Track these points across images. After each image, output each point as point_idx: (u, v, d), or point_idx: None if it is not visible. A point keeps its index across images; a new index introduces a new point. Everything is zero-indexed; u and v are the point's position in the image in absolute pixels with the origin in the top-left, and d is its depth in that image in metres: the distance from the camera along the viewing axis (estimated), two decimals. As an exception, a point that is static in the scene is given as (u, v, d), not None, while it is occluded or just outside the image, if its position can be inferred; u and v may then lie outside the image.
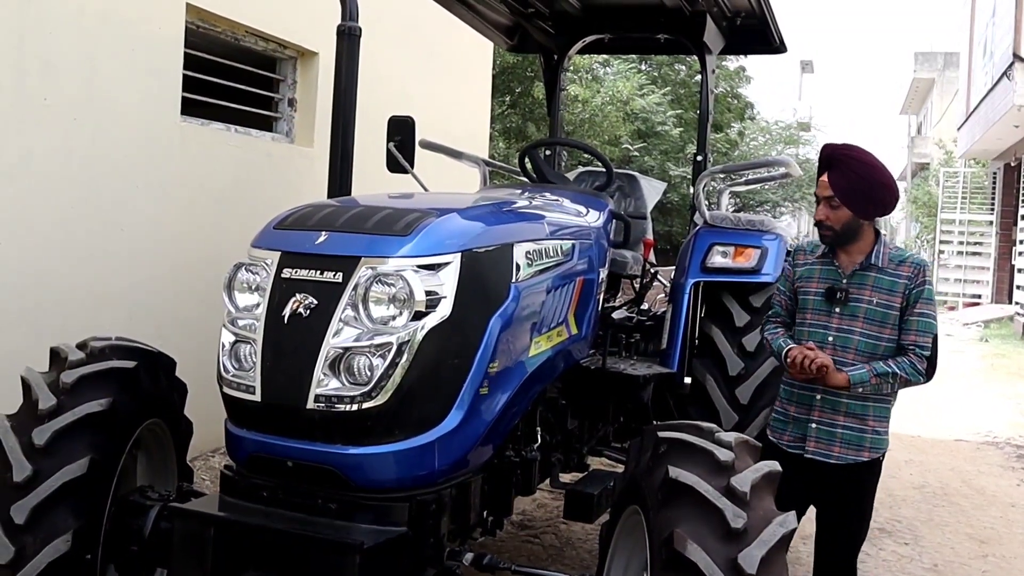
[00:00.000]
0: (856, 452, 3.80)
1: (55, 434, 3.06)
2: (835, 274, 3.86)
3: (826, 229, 3.82)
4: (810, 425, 3.83)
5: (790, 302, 4.03)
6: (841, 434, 3.80)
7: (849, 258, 3.86)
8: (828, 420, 3.82)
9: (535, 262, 3.55)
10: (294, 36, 7.12)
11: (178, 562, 3.03)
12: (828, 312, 3.85)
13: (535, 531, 5.68)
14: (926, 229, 33.84)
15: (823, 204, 3.80)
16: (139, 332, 4.28)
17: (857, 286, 3.81)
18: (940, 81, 44.51)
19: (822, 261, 3.92)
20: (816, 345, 3.78)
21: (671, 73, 25.59)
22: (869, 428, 3.80)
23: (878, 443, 3.84)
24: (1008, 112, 20.70)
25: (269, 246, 3.16)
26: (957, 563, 5.71)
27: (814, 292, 3.89)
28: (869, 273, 3.81)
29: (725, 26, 5.62)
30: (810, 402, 3.85)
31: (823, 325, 3.85)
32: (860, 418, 3.80)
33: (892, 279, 3.78)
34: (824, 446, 3.81)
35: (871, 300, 3.79)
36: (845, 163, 3.79)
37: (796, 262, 4.03)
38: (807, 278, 3.94)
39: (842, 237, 3.82)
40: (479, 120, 10.90)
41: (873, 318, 3.78)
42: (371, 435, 2.94)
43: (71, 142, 5.30)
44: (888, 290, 3.78)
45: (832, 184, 3.76)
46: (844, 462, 3.80)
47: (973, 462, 8.57)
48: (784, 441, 3.91)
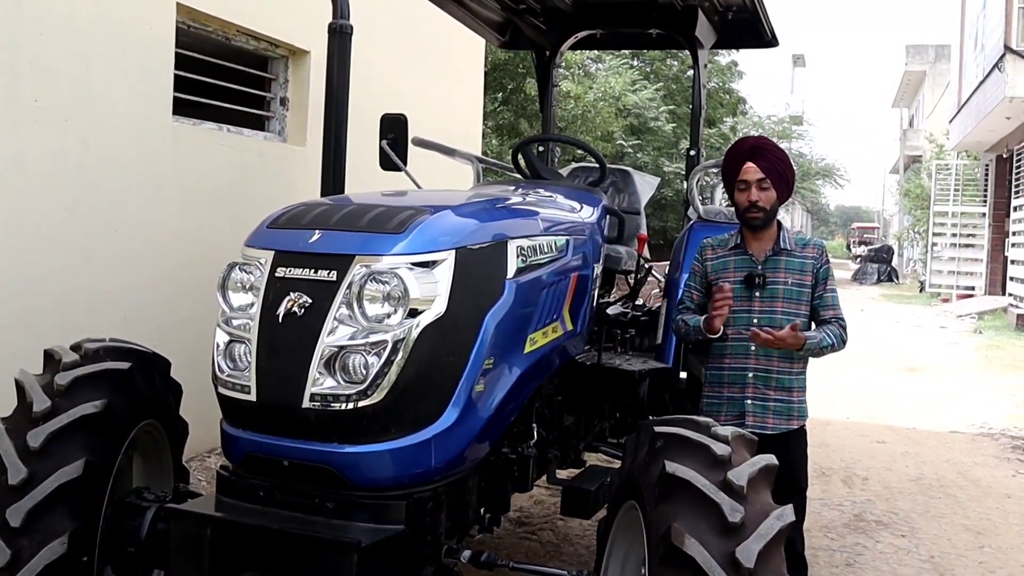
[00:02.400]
0: (787, 421, 4.21)
1: (50, 436, 3.05)
2: (750, 262, 4.24)
3: (758, 210, 4.16)
4: (746, 402, 4.20)
5: (701, 296, 4.34)
6: (773, 406, 4.20)
7: (760, 245, 4.25)
8: (761, 395, 4.20)
9: (529, 258, 3.54)
10: (285, 35, 7.11)
11: (175, 563, 3.03)
12: (748, 297, 4.20)
13: (533, 528, 5.67)
14: (919, 222, 33.91)
15: (754, 188, 4.15)
16: (133, 333, 4.27)
17: (772, 270, 4.21)
18: (931, 74, 44.59)
19: (735, 252, 4.28)
20: (743, 329, 4.17)
21: (663, 68, 25.62)
22: (795, 398, 4.23)
23: (803, 411, 4.27)
24: (1000, 104, 20.74)
25: (263, 245, 3.15)
26: (954, 555, 5.72)
27: (732, 281, 4.20)
28: (780, 257, 4.23)
29: (717, 20, 5.62)
30: (743, 381, 4.22)
31: (746, 310, 4.20)
32: (787, 390, 4.21)
33: (801, 260, 4.23)
34: (760, 419, 4.18)
35: (786, 281, 4.20)
36: (768, 150, 4.22)
37: (706, 257, 4.34)
38: (722, 270, 4.27)
39: (767, 219, 4.19)
40: (472, 117, 10.89)
41: (790, 297, 4.20)
42: (367, 433, 2.93)
43: (63, 143, 5.28)
44: (799, 271, 4.22)
45: (763, 168, 4.15)
46: (778, 431, 4.18)
47: (969, 454, 8.58)
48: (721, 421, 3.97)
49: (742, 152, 4.25)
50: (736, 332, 4.22)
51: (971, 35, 28.19)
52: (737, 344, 4.22)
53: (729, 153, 4.33)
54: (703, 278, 4.35)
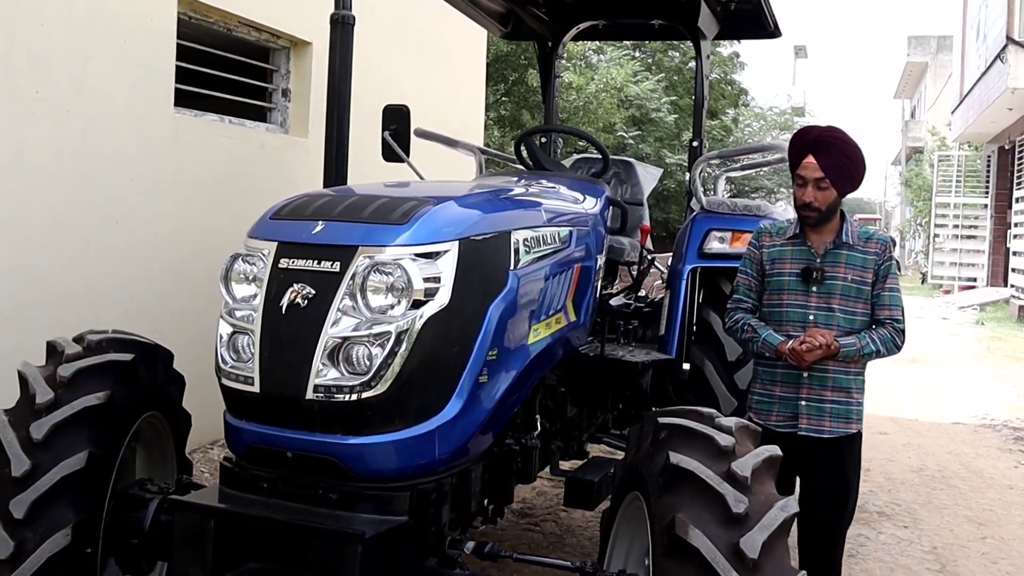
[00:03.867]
0: (845, 424, 3.94)
1: (53, 428, 3.05)
2: (808, 254, 3.97)
3: (812, 210, 3.88)
4: (800, 403, 3.94)
5: (757, 284, 4.10)
6: (830, 408, 3.92)
7: (820, 238, 3.97)
8: (816, 396, 3.93)
9: (533, 249, 3.54)
10: (287, 26, 7.10)
11: (179, 555, 3.02)
12: (805, 292, 3.95)
13: (536, 519, 5.68)
14: (921, 213, 33.89)
15: (810, 186, 3.85)
16: (136, 325, 4.28)
17: (831, 264, 3.93)
18: (933, 65, 44.54)
19: (793, 242, 4.01)
20: (795, 326, 3.93)
21: (665, 60, 25.57)
22: (854, 400, 3.95)
23: (860, 414, 4.00)
24: (1002, 95, 20.72)
25: (266, 236, 3.14)
26: (956, 545, 5.72)
27: (789, 273, 3.98)
28: (841, 251, 3.94)
29: (719, 11, 5.60)
30: (797, 380, 3.95)
31: (802, 305, 3.95)
32: (846, 391, 3.93)
33: (863, 256, 3.94)
34: (815, 422, 3.92)
35: (846, 277, 3.92)
36: (833, 145, 3.86)
37: (763, 244, 4.09)
38: (778, 260, 4.02)
39: (824, 218, 3.91)
40: (474, 108, 10.88)
41: (848, 294, 3.92)
42: (371, 425, 2.93)
43: (64, 135, 5.28)
44: (860, 267, 3.93)
45: (823, 166, 3.82)
46: (836, 435, 3.92)
47: (971, 445, 8.58)
48: (772, 422, 3.97)
49: (803, 144, 3.92)
50: (791, 328, 3.94)
51: (973, 26, 28.17)
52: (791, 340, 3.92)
53: (792, 141, 4.03)
54: (759, 265, 4.08)
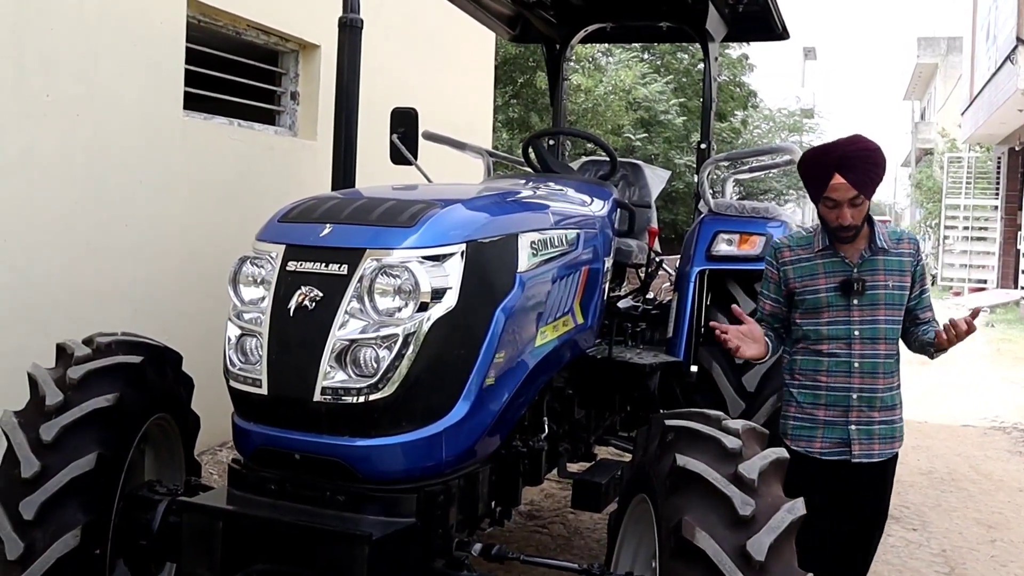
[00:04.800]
0: (891, 445, 3.75)
1: (62, 430, 3.07)
2: (843, 265, 3.71)
3: (851, 230, 3.63)
4: (850, 427, 3.70)
5: (780, 308, 3.87)
6: (878, 430, 3.71)
7: (853, 246, 3.72)
8: (866, 418, 3.70)
9: (540, 252, 3.54)
10: (295, 29, 7.12)
11: (187, 556, 3.04)
12: (846, 306, 3.68)
13: (543, 521, 5.68)
14: (930, 215, 33.81)
15: (845, 207, 3.58)
16: (145, 327, 4.29)
17: (870, 273, 3.69)
18: (943, 66, 44.39)
19: (823, 255, 3.75)
20: (843, 342, 3.68)
21: (674, 62, 25.54)
22: (898, 418, 3.77)
23: (903, 430, 3.81)
24: (1012, 96, 20.65)
25: (274, 239, 3.15)
26: (965, 548, 5.71)
27: (825, 289, 3.71)
28: (878, 258, 3.71)
29: (727, 13, 5.60)
30: (846, 403, 3.70)
31: (844, 321, 3.69)
32: (891, 410, 3.74)
33: (899, 259, 3.73)
34: (866, 447, 3.70)
35: (887, 284, 3.69)
36: (858, 158, 3.59)
37: (783, 260, 3.82)
38: (809, 276, 3.75)
39: (860, 231, 3.68)
40: (482, 111, 10.89)
41: (892, 302, 3.70)
42: (378, 427, 2.94)
43: (73, 138, 5.30)
44: (899, 271, 3.72)
45: (854, 183, 3.55)
46: (884, 457, 3.74)
47: (980, 447, 8.56)
48: (817, 448, 3.74)
49: (827, 164, 3.61)
50: (834, 346, 3.70)
51: (983, 27, 28.09)
52: (837, 360, 3.69)
53: (811, 161, 3.72)
54: (780, 285, 3.82)
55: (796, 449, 3.70)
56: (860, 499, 3.80)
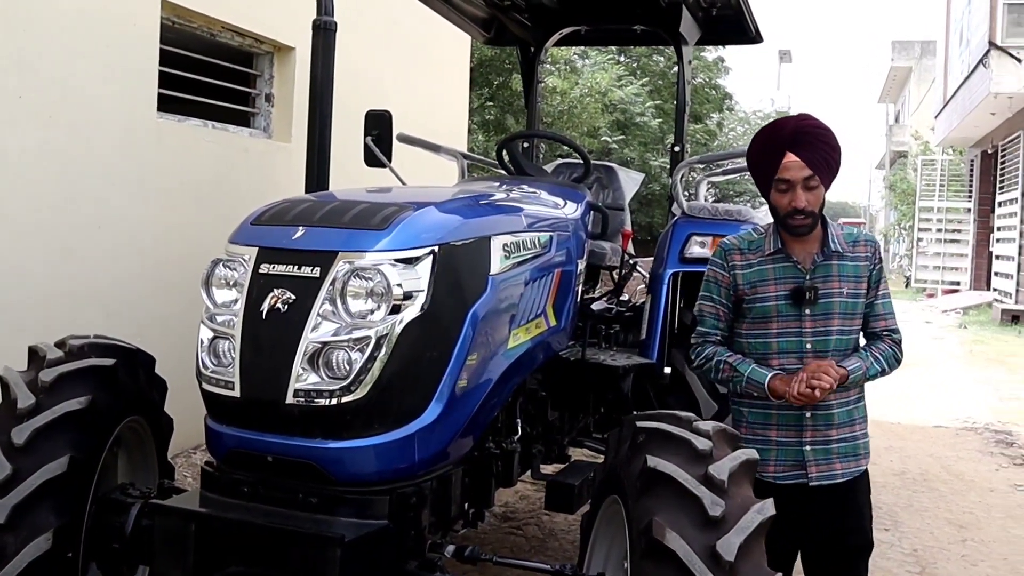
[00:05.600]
0: (855, 463, 3.49)
1: (34, 433, 3.05)
2: (795, 271, 3.41)
3: (807, 216, 3.31)
4: (804, 448, 3.43)
5: (728, 312, 3.53)
6: (837, 448, 3.44)
7: (805, 249, 3.41)
8: (822, 437, 3.43)
9: (513, 254, 3.55)
10: (270, 31, 7.11)
11: (160, 559, 3.03)
12: (798, 316, 3.39)
13: (518, 522, 5.70)
14: (905, 217, 34.05)
15: (799, 189, 3.28)
16: (118, 330, 4.27)
17: (823, 279, 3.39)
18: (917, 69, 44.71)
19: (774, 259, 3.43)
20: (790, 357, 3.40)
21: (650, 64, 25.64)
22: (859, 432, 3.51)
23: (867, 447, 3.55)
24: (984, 100, 20.86)
25: (246, 242, 3.15)
26: (937, 548, 5.76)
27: (775, 296, 3.41)
28: (831, 262, 3.41)
29: (701, 17, 5.64)
30: (799, 422, 3.43)
31: (796, 332, 3.41)
32: (850, 425, 3.47)
33: (855, 263, 3.42)
34: (825, 467, 3.44)
35: (842, 292, 3.39)
36: (814, 135, 3.31)
37: (733, 263, 3.50)
38: (760, 282, 3.44)
39: (816, 222, 3.37)
40: (457, 113, 10.89)
41: (847, 311, 3.41)
42: (351, 429, 2.94)
43: (47, 140, 5.27)
44: (855, 276, 3.41)
45: (808, 162, 3.27)
46: (849, 477, 3.47)
47: (952, 448, 8.64)
48: (771, 473, 3.45)
49: (781, 140, 3.30)
50: (785, 361, 3.41)
51: (956, 31, 28.33)
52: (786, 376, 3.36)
53: (761, 140, 3.42)
54: (730, 290, 3.49)
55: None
56: (827, 525, 3.51)
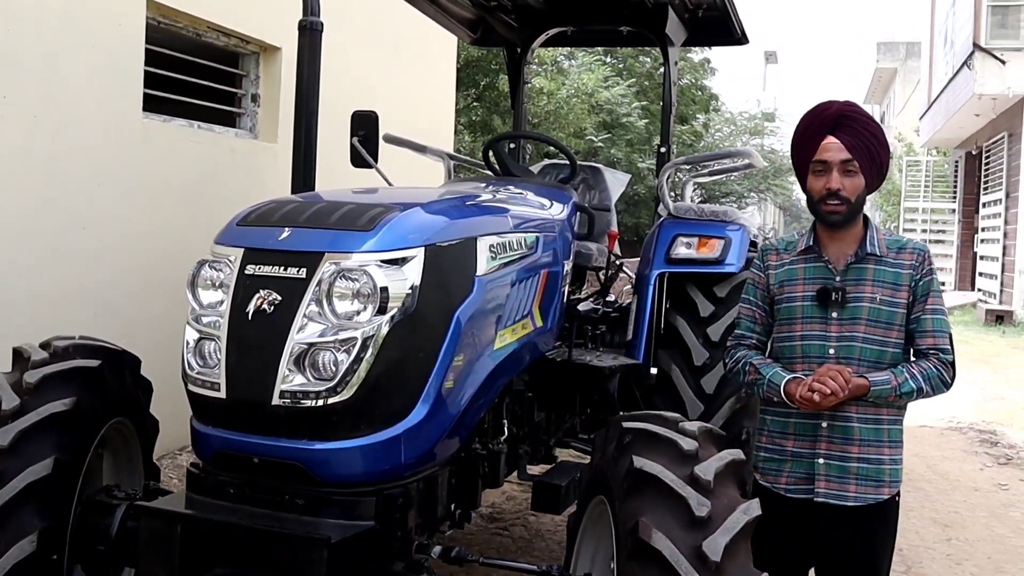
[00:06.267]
0: (876, 489, 3.19)
1: (19, 434, 3.03)
2: (825, 271, 3.25)
3: (840, 202, 3.16)
4: (817, 461, 3.21)
5: (765, 315, 3.42)
6: (856, 468, 3.18)
7: (840, 249, 3.25)
8: (839, 452, 3.19)
9: (499, 255, 3.56)
10: (256, 31, 7.09)
11: (145, 561, 3.02)
12: (824, 319, 3.22)
13: (504, 523, 5.70)
14: (890, 217, 34.19)
15: (836, 171, 3.15)
16: (103, 331, 4.26)
17: (854, 282, 3.20)
18: (902, 71, 44.84)
19: (805, 258, 3.30)
20: (813, 362, 3.22)
21: (636, 65, 25.66)
22: (887, 457, 3.21)
23: (897, 474, 3.24)
24: (969, 101, 20.96)
25: (232, 243, 3.15)
26: (922, 547, 5.79)
27: (801, 297, 3.27)
28: (867, 265, 3.21)
29: (687, 18, 5.65)
30: (814, 432, 3.23)
31: (820, 336, 3.23)
32: (876, 446, 3.20)
33: (895, 270, 3.19)
34: (837, 486, 3.20)
35: (873, 297, 3.18)
36: (858, 122, 3.20)
37: (768, 264, 3.40)
38: (788, 281, 3.31)
39: (852, 215, 3.20)
40: (444, 114, 10.89)
41: (878, 319, 3.18)
42: (337, 430, 2.94)
43: (32, 140, 5.25)
44: (892, 283, 3.18)
45: (848, 146, 3.15)
46: (863, 503, 3.19)
47: (937, 447, 8.67)
48: (782, 485, 3.30)
49: (823, 122, 3.19)
50: (808, 366, 3.23)
51: (941, 32, 28.46)
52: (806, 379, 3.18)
53: (804, 122, 3.28)
54: (765, 291, 3.39)
55: (763, 484, 3.34)
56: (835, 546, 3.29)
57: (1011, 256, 20.37)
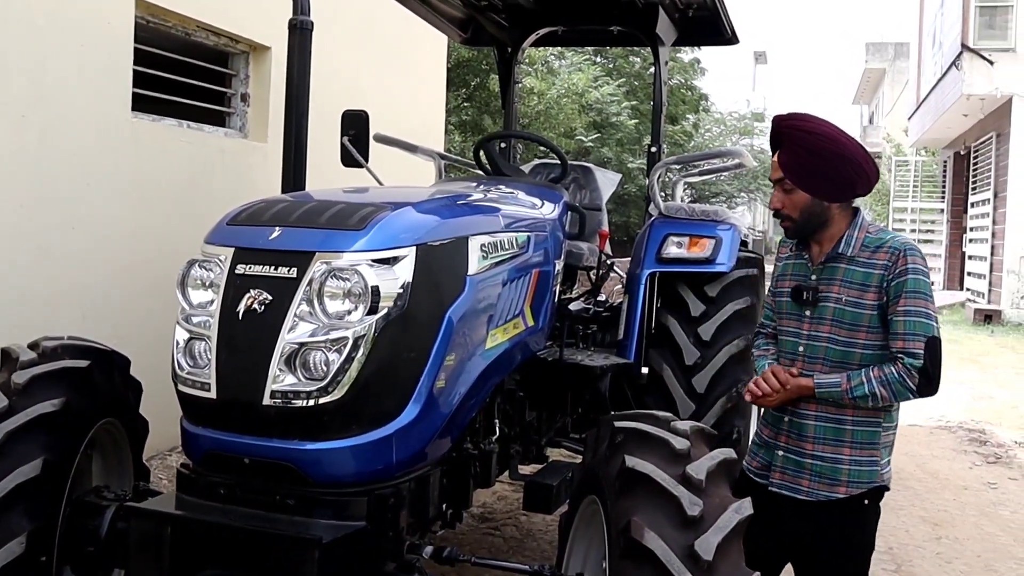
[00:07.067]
0: (830, 487, 3.18)
1: (7, 435, 3.02)
2: (804, 269, 3.30)
3: (784, 219, 3.27)
4: (777, 452, 3.31)
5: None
6: (811, 464, 3.20)
7: (819, 248, 3.28)
8: (796, 447, 3.24)
9: (490, 255, 3.55)
10: (246, 30, 7.07)
11: (135, 562, 3.01)
12: (799, 316, 3.27)
13: (496, 523, 5.69)
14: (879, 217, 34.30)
15: (776, 189, 3.25)
16: (93, 331, 4.24)
17: (826, 282, 3.22)
18: (891, 71, 45.00)
19: (796, 255, 3.37)
20: (787, 358, 3.30)
21: (626, 65, 25.68)
22: (846, 457, 3.17)
23: (858, 475, 3.18)
24: (957, 101, 21.03)
25: (223, 242, 3.13)
26: (911, 546, 5.80)
27: (785, 292, 3.34)
28: (838, 265, 3.21)
29: (677, 18, 5.66)
30: (778, 425, 3.32)
31: (795, 332, 3.29)
32: (834, 445, 3.18)
33: (865, 270, 3.15)
34: (791, 479, 3.25)
35: (839, 298, 3.17)
36: (792, 137, 3.19)
37: (779, 256, 3.48)
38: (781, 276, 3.41)
39: (806, 226, 3.24)
40: (434, 113, 10.88)
41: (842, 320, 3.17)
42: (328, 430, 2.93)
43: (20, 140, 5.23)
44: (860, 284, 3.15)
45: (782, 164, 3.20)
46: (816, 498, 3.20)
47: (927, 446, 8.69)
48: (754, 468, 3.42)
49: (772, 139, 3.27)
50: (784, 361, 3.33)
51: (929, 33, 28.55)
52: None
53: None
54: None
55: (744, 465, 3.42)
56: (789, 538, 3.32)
57: (999, 256, 20.45)
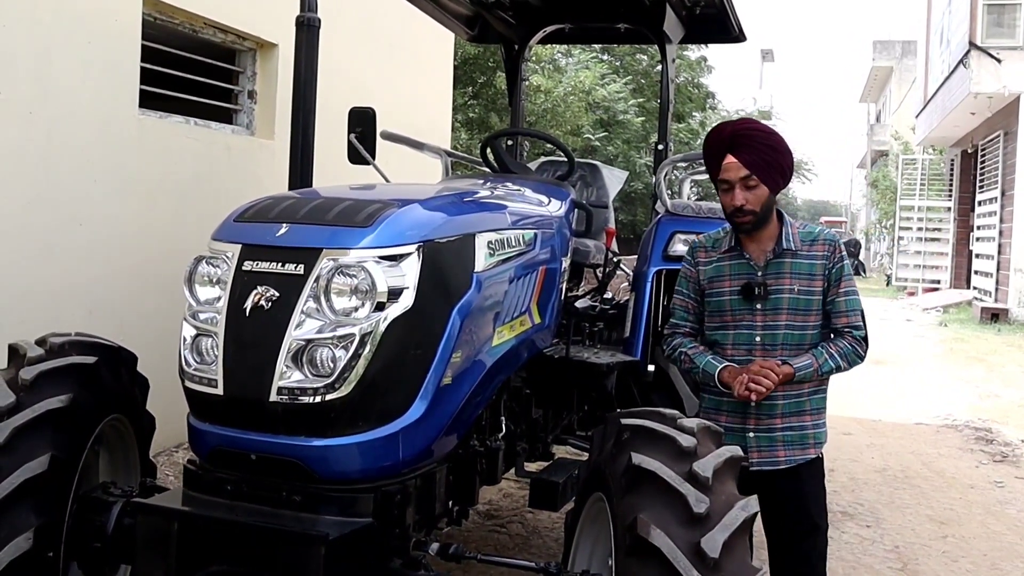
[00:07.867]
0: (802, 451, 3.68)
1: (15, 431, 3.02)
2: (748, 267, 3.66)
3: (746, 215, 3.57)
4: (748, 435, 3.66)
5: (696, 305, 3.83)
6: (782, 436, 3.65)
7: (759, 247, 3.65)
8: (766, 426, 3.65)
9: (497, 252, 3.55)
10: (253, 27, 7.08)
11: (142, 558, 3.01)
12: (750, 310, 3.64)
13: (502, 520, 5.69)
14: (886, 215, 34.24)
15: (738, 188, 3.54)
16: (100, 327, 4.25)
17: (775, 276, 3.61)
18: (898, 69, 44.96)
19: (730, 256, 3.70)
20: (743, 348, 3.64)
21: (633, 63, 25.69)
22: (809, 423, 3.68)
23: (820, 436, 3.72)
24: (964, 100, 21.00)
25: (230, 239, 3.14)
26: (918, 544, 5.79)
27: (729, 291, 3.66)
28: (784, 259, 3.62)
29: (685, 15, 5.64)
30: (744, 409, 3.65)
31: (747, 325, 3.65)
32: (799, 415, 3.66)
33: (809, 261, 3.61)
34: (768, 454, 3.66)
35: (792, 288, 3.59)
36: (752, 138, 3.56)
37: (698, 260, 3.80)
38: (716, 277, 3.71)
39: (761, 220, 3.60)
40: (441, 111, 10.88)
41: (797, 307, 3.60)
42: (335, 427, 2.93)
43: (27, 137, 5.24)
44: (808, 274, 3.61)
45: (746, 163, 3.52)
46: (793, 464, 3.66)
47: (933, 445, 8.68)
48: None
49: (720, 143, 3.59)
50: (736, 353, 3.67)
51: (937, 31, 28.49)
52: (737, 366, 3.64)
53: (706, 144, 3.69)
54: (697, 284, 3.80)
55: None
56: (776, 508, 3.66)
57: (1006, 254, 20.41)
